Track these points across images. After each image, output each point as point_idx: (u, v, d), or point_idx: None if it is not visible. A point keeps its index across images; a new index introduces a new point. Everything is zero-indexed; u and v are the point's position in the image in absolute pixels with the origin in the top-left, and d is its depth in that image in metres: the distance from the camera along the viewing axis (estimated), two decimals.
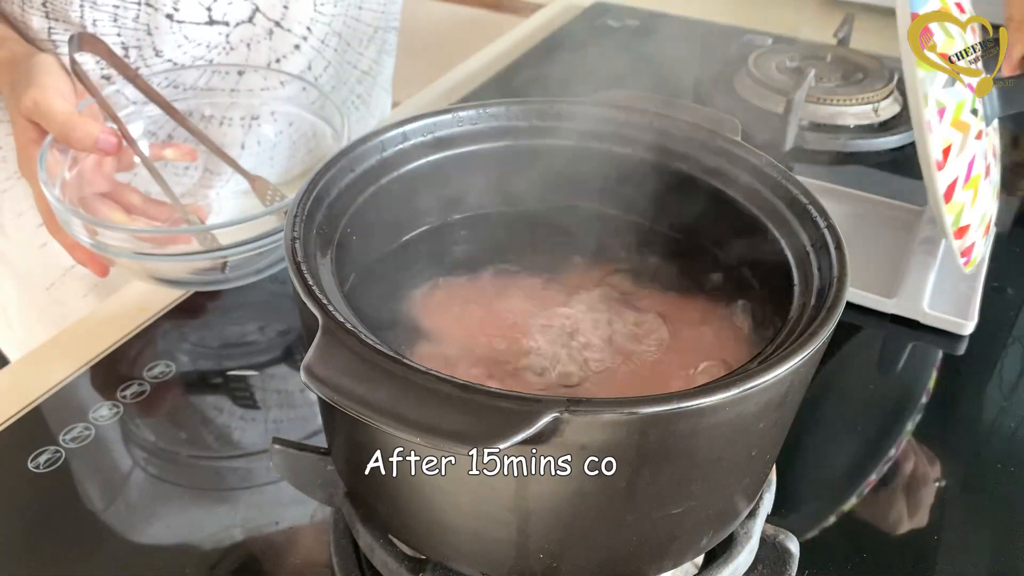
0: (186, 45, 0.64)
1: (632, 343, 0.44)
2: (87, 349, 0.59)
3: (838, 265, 0.39)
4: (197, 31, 0.64)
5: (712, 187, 0.46)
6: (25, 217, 0.73)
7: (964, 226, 0.54)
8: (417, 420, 0.30)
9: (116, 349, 0.60)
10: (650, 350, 0.44)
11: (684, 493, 0.36)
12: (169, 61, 0.64)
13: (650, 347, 0.44)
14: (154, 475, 0.52)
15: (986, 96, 0.54)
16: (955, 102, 0.52)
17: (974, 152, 0.53)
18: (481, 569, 0.39)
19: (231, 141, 0.70)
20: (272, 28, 0.67)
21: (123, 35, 0.62)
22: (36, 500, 0.50)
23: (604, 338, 0.44)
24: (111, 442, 0.53)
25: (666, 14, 1.14)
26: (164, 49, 0.64)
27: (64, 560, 0.47)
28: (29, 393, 0.56)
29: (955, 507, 0.52)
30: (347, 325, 0.33)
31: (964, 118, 0.52)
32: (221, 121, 0.69)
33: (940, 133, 0.51)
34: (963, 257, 0.56)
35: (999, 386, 0.62)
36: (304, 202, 0.41)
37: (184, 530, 0.49)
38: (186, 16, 0.63)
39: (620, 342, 0.44)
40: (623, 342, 0.44)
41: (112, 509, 0.50)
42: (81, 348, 0.60)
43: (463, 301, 0.46)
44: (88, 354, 0.59)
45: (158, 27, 0.62)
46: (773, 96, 0.90)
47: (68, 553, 0.47)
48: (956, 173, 0.52)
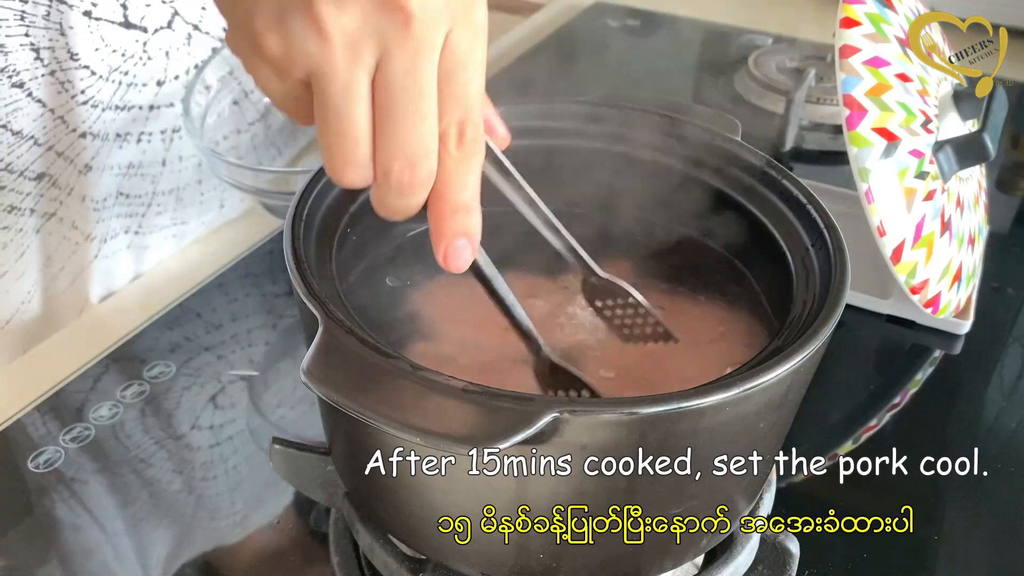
0: (103, 50, 0.58)
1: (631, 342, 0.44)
2: (87, 349, 0.59)
3: (838, 265, 0.39)
4: (113, 33, 0.58)
5: (712, 187, 0.46)
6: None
7: (922, 281, 0.57)
8: (417, 420, 0.30)
9: (116, 349, 0.60)
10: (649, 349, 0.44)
11: (684, 493, 0.36)
12: (86, 68, 0.57)
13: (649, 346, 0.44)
14: (154, 475, 0.52)
15: (939, 154, 0.57)
16: (896, 170, 0.55)
17: (923, 213, 0.56)
18: (481, 569, 0.39)
19: (150, 159, 0.65)
20: (191, 32, 0.63)
21: (32, 35, 0.55)
22: (36, 500, 0.50)
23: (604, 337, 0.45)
24: (111, 442, 0.53)
25: (666, 14, 1.13)
26: (80, 52, 0.57)
27: (64, 560, 0.47)
28: (29, 393, 0.56)
29: (954, 507, 0.52)
30: (347, 325, 0.33)
31: (908, 184, 0.56)
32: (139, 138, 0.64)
33: (880, 202, 0.55)
34: (927, 308, 0.59)
35: (999, 386, 0.62)
36: (304, 201, 0.41)
37: (184, 530, 0.49)
38: (103, 13, 0.57)
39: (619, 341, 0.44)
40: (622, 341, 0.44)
41: (112, 509, 0.50)
42: (81, 348, 0.60)
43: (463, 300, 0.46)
44: (88, 354, 0.59)
45: (72, 26, 0.56)
46: (773, 96, 0.91)
47: (68, 553, 0.47)
48: (902, 236, 0.56)
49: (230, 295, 0.65)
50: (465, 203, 0.33)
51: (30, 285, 0.63)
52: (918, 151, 0.56)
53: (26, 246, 0.61)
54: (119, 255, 0.67)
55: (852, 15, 0.58)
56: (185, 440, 0.54)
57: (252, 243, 0.70)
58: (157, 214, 0.67)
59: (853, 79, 0.56)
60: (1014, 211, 0.81)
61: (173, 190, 0.67)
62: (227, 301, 0.65)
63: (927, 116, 0.58)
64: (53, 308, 0.65)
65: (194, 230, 0.71)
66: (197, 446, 0.54)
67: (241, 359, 0.60)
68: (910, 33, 0.59)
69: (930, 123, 0.58)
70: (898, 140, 0.55)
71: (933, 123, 0.58)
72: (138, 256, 0.68)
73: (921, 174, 0.56)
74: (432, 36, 0.30)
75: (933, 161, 0.57)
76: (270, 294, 0.66)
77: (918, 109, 0.57)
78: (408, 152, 0.31)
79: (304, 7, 0.29)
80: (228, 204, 0.72)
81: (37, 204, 0.60)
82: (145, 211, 0.67)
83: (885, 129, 0.55)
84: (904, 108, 0.56)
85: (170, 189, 0.67)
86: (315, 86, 0.31)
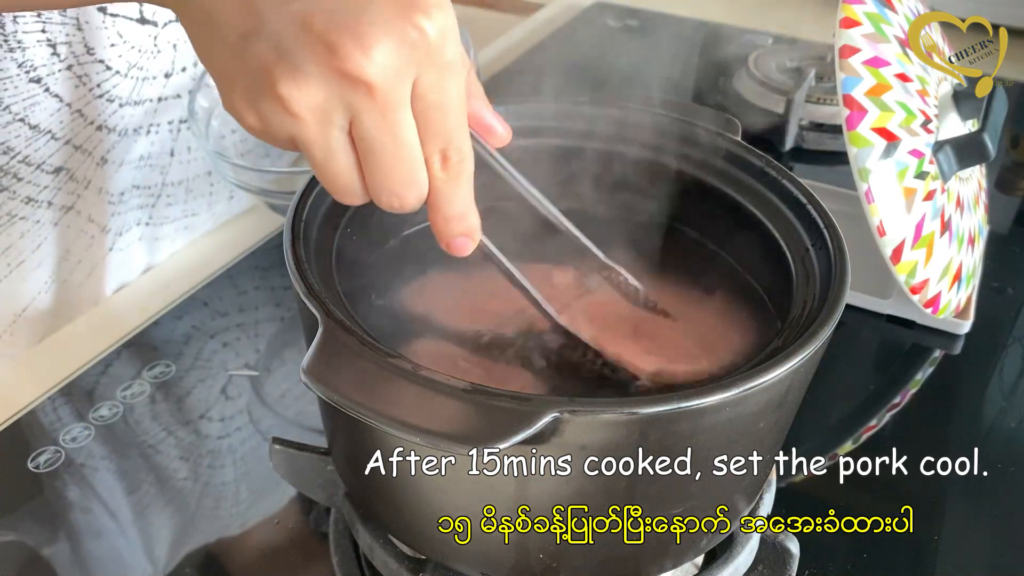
0: (121, 46, 0.58)
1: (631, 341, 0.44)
2: (87, 349, 0.59)
3: (838, 265, 0.39)
4: (129, 28, 0.58)
5: (712, 187, 0.46)
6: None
7: (922, 281, 0.58)
8: (417, 420, 0.30)
9: (116, 349, 0.60)
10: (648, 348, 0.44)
11: (684, 493, 0.36)
12: (101, 62, 0.58)
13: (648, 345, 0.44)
14: (154, 475, 0.52)
15: (939, 154, 0.57)
16: (896, 170, 0.55)
17: (923, 213, 0.56)
18: (481, 569, 0.39)
19: (159, 150, 0.66)
20: None
21: (49, 30, 0.55)
22: (36, 500, 0.50)
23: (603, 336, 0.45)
24: (111, 442, 0.53)
25: (666, 14, 1.13)
26: (96, 47, 0.57)
27: (64, 560, 0.47)
28: (29, 393, 0.56)
29: (954, 507, 0.52)
30: (347, 325, 0.33)
31: (908, 184, 0.56)
32: (148, 130, 0.64)
33: (880, 202, 0.55)
34: (927, 308, 0.59)
35: (999, 386, 0.62)
36: (304, 201, 0.41)
37: (184, 529, 0.49)
38: (120, 9, 0.57)
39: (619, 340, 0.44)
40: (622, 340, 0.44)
41: (112, 508, 0.50)
42: (81, 348, 0.60)
43: (463, 299, 0.46)
44: (88, 354, 0.59)
45: (88, 21, 0.57)
46: (773, 96, 0.90)
47: (68, 553, 0.47)
48: (902, 236, 0.56)
49: (231, 294, 0.65)
50: (458, 213, 0.36)
51: (47, 276, 0.64)
52: (918, 151, 0.56)
53: (43, 237, 0.62)
54: (132, 247, 0.68)
55: (852, 15, 0.58)
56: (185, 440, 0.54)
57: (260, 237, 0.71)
58: (168, 205, 0.68)
59: (853, 79, 0.56)
60: (1014, 211, 0.81)
61: (182, 181, 0.68)
62: (228, 301, 0.65)
63: (927, 116, 0.58)
64: (69, 299, 0.66)
65: (205, 222, 0.72)
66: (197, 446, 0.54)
67: (241, 359, 0.60)
68: (910, 33, 0.59)
69: (930, 123, 0.58)
70: (898, 140, 0.55)
71: (933, 123, 0.58)
72: (151, 248, 0.69)
73: (921, 174, 0.56)
74: (397, 94, 0.32)
75: (933, 161, 0.57)
76: (279, 287, 0.66)
77: (918, 109, 0.57)
78: (394, 186, 0.34)
79: (269, 91, 0.31)
80: (237, 195, 0.73)
81: (55, 197, 0.61)
82: (155, 202, 0.67)
83: (885, 129, 0.55)
84: (904, 108, 0.56)
85: (179, 180, 0.68)
86: (299, 146, 0.33)
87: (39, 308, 0.65)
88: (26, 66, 0.55)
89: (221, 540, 0.48)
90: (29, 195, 0.60)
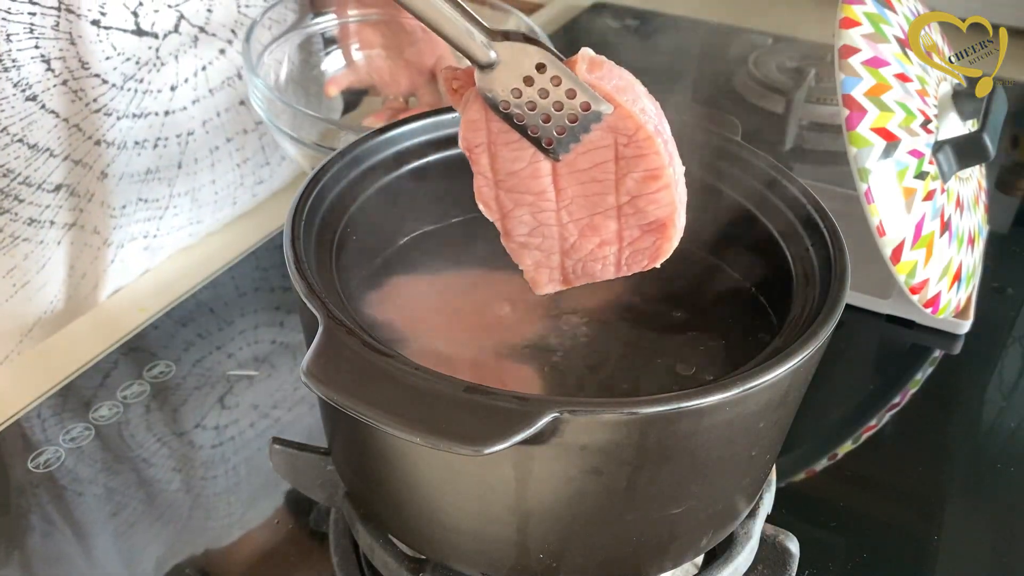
0: (115, 58, 0.58)
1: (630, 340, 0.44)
2: (87, 349, 0.59)
3: (838, 265, 0.39)
4: (124, 40, 0.58)
5: (712, 187, 0.46)
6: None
7: (921, 281, 0.58)
8: (417, 420, 0.30)
9: (116, 349, 0.60)
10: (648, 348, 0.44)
11: (684, 493, 0.36)
12: (96, 76, 0.58)
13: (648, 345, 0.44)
14: (154, 475, 0.52)
15: (939, 154, 0.57)
16: (895, 170, 0.56)
17: (923, 213, 0.57)
18: (481, 569, 0.39)
19: (167, 163, 0.66)
20: (197, 34, 0.63)
21: (42, 46, 0.55)
22: (36, 500, 0.50)
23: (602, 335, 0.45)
24: (111, 442, 0.53)
25: (666, 14, 1.13)
26: (90, 61, 0.57)
27: (64, 560, 0.47)
28: (29, 393, 0.56)
29: (954, 507, 0.52)
30: (347, 325, 0.33)
31: (907, 184, 0.56)
32: (155, 144, 0.64)
33: (880, 202, 0.55)
34: (927, 308, 0.59)
35: (998, 386, 0.62)
36: (304, 201, 0.41)
37: (183, 530, 0.49)
38: (113, 21, 0.57)
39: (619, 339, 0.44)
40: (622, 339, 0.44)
41: (112, 509, 0.50)
42: (81, 348, 0.60)
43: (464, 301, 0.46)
44: (88, 354, 0.59)
45: (81, 35, 0.56)
46: (773, 96, 0.90)
47: (68, 553, 0.47)
48: (902, 236, 0.56)
49: (231, 294, 0.65)
50: None
51: (52, 295, 0.64)
52: (918, 151, 0.56)
53: (47, 257, 0.62)
54: (136, 256, 0.68)
55: (852, 15, 0.58)
56: (185, 440, 0.54)
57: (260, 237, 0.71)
58: (174, 216, 0.69)
59: (853, 79, 0.56)
60: (1014, 211, 0.81)
61: (188, 191, 0.68)
62: (228, 301, 0.65)
63: (927, 116, 0.58)
64: (73, 309, 0.66)
65: (207, 228, 0.72)
66: (197, 446, 0.54)
67: (241, 359, 0.60)
68: (910, 33, 0.59)
69: (930, 123, 0.58)
70: (898, 140, 0.56)
71: (933, 123, 0.58)
72: (153, 256, 0.69)
73: (921, 174, 0.56)
74: None
75: (933, 161, 0.57)
76: (279, 287, 0.66)
77: (918, 109, 0.57)
78: None
79: None
80: (240, 201, 0.73)
81: (57, 216, 0.61)
82: (163, 214, 0.68)
83: (885, 129, 0.55)
84: (904, 108, 0.56)
85: (186, 191, 0.68)
86: None
87: (46, 326, 0.64)
88: (21, 85, 0.55)
89: (221, 540, 0.48)
90: (32, 216, 0.60)
